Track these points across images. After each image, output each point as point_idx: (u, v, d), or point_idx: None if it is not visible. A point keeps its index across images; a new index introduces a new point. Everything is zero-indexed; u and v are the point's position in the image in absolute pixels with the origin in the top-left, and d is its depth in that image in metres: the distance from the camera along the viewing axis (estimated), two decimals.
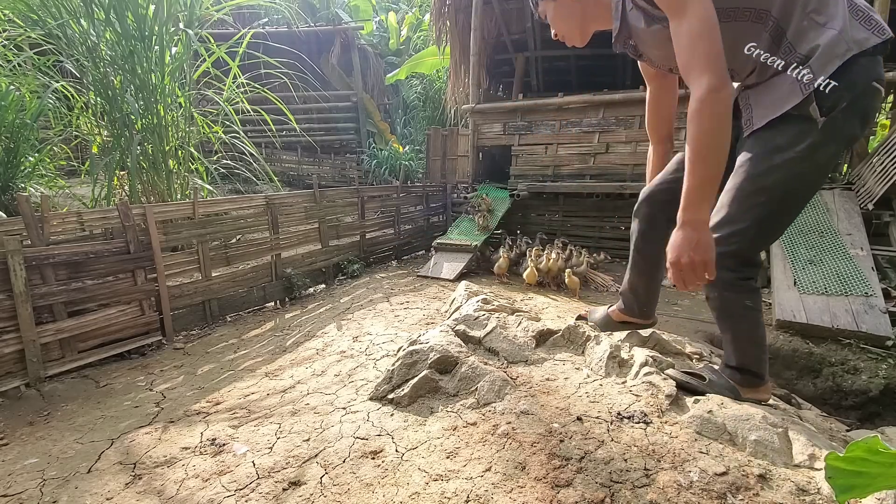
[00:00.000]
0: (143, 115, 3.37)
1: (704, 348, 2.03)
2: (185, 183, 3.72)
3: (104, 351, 2.41)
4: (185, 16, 3.61)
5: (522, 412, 1.42)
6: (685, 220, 1.14)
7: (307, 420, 1.61)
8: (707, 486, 1.08)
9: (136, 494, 1.32)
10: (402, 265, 4.73)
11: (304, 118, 8.20)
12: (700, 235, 1.12)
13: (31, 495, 1.35)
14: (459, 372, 1.63)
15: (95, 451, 1.57)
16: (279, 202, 3.48)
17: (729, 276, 1.30)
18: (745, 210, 1.25)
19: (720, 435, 1.25)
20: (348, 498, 1.19)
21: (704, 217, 1.13)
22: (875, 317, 2.66)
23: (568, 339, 1.86)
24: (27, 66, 3.78)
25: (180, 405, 1.90)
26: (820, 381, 2.61)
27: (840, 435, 1.52)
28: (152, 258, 2.62)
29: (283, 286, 3.50)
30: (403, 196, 4.98)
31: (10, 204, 3.25)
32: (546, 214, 5.28)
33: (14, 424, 1.82)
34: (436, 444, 1.35)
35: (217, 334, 2.85)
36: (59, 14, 3.12)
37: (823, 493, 1.04)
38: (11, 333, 2.08)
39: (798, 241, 3.37)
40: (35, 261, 2.14)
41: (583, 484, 1.13)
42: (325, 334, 2.65)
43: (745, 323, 1.36)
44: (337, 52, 8.79)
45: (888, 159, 3.39)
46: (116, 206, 2.50)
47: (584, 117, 4.90)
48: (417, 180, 8.81)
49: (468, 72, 5.70)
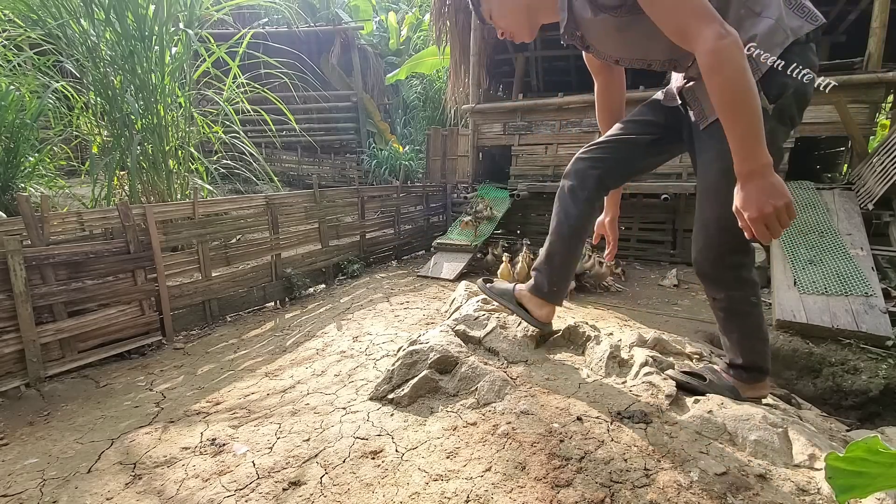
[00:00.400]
0: (143, 115, 3.37)
1: (704, 348, 2.03)
2: (185, 183, 3.72)
3: (104, 351, 2.41)
4: (185, 16, 3.61)
5: (522, 412, 1.42)
6: (748, 171, 1.06)
7: (307, 420, 1.61)
8: (707, 486, 1.08)
9: (136, 494, 1.32)
10: (402, 265, 4.73)
11: (304, 118, 8.20)
12: (772, 178, 1.05)
13: (31, 495, 1.35)
14: (459, 372, 1.63)
15: (95, 451, 1.57)
16: (279, 202, 3.48)
17: (732, 275, 1.30)
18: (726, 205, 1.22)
19: (720, 435, 1.25)
20: (348, 498, 1.19)
21: (766, 160, 1.05)
22: (875, 317, 2.66)
23: (568, 339, 1.86)
24: (27, 66, 3.78)
25: (180, 405, 1.90)
26: (820, 381, 2.61)
27: (840, 435, 1.52)
28: (152, 258, 2.62)
29: (283, 286, 3.50)
30: (403, 196, 4.98)
31: (10, 204, 3.25)
32: (546, 214, 5.26)
33: (14, 424, 1.82)
34: (436, 444, 1.35)
35: (217, 334, 2.85)
36: (59, 14, 3.12)
37: (823, 493, 1.04)
38: (11, 333, 2.08)
39: (798, 241, 3.37)
40: (35, 261, 2.14)
41: (583, 484, 1.13)
42: (325, 334, 2.65)
43: (752, 319, 1.36)
44: (337, 52, 8.79)
45: (888, 159, 3.39)
46: (116, 207, 2.50)
47: (585, 117, 4.90)
48: (417, 180, 8.81)
49: (468, 72, 5.70)
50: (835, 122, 3.83)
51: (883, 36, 3.72)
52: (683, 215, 4.43)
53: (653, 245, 4.67)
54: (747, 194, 1.07)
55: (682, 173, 4.47)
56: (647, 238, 4.70)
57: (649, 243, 4.69)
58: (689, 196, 4.32)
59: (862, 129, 3.79)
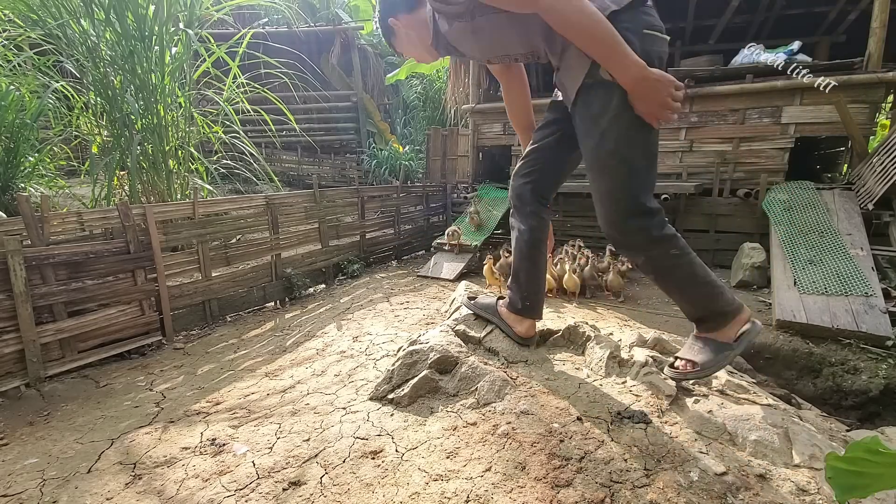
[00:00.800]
0: (143, 115, 3.37)
1: None
2: (185, 183, 3.72)
3: (104, 351, 2.41)
4: (185, 16, 3.61)
5: (522, 412, 1.42)
6: (630, 79, 1.17)
7: (307, 420, 1.61)
8: (707, 486, 1.08)
9: (136, 494, 1.32)
10: (402, 265, 4.73)
11: (304, 118, 8.20)
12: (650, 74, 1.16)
13: (31, 495, 1.35)
14: (459, 372, 1.63)
15: (95, 451, 1.57)
16: (279, 202, 3.48)
17: (641, 237, 1.33)
18: (613, 177, 1.31)
19: (720, 435, 1.25)
20: (348, 498, 1.19)
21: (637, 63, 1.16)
22: (875, 317, 2.66)
23: (568, 339, 1.86)
24: (27, 66, 3.78)
25: (180, 405, 1.90)
26: (820, 381, 2.61)
27: (840, 435, 1.51)
28: (152, 258, 2.62)
29: (283, 286, 3.50)
30: (403, 196, 4.98)
31: (10, 204, 3.25)
32: None
33: (14, 424, 1.82)
34: (436, 444, 1.35)
35: (217, 334, 2.85)
36: (59, 14, 3.12)
37: (823, 493, 1.04)
38: (11, 333, 2.08)
39: (798, 241, 3.37)
40: (35, 261, 2.14)
41: (583, 484, 1.13)
42: (325, 334, 2.65)
43: (681, 270, 1.37)
44: (337, 52, 8.79)
45: (888, 159, 3.39)
46: (116, 206, 2.50)
47: None
48: (417, 180, 8.80)
49: (468, 72, 5.70)
50: (835, 122, 3.83)
51: (883, 36, 3.72)
52: (683, 215, 4.43)
53: None
54: (641, 99, 1.20)
55: (682, 173, 4.47)
56: None
57: None
58: (689, 196, 4.32)
59: (862, 129, 3.79)
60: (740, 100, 4.16)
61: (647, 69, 1.16)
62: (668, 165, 4.55)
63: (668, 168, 4.55)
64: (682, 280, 1.39)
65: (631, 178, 1.30)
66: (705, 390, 1.48)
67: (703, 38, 5.99)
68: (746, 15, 5.52)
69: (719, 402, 1.33)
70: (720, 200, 4.28)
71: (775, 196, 3.85)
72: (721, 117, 4.29)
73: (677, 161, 4.51)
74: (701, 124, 4.38)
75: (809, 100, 3.92)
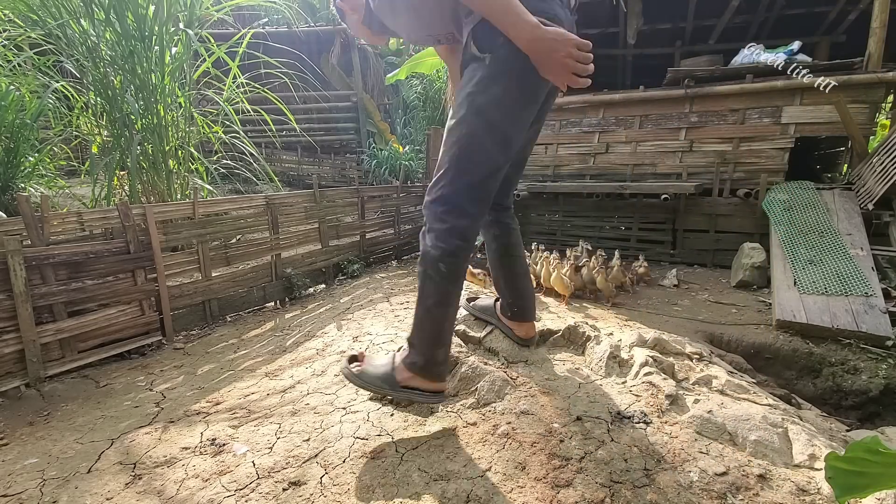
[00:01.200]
0: (143, 115, 3.37)
1: (704, 348, 2.03)
2: (185, 183, 3.72)
3: (104, 351, 2.41)
4: (185, 16, 3.61)
5: (522, 412, 1.42)
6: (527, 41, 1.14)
7: (307, 420, 1.61)
8: (707, 486, 1.08)
9: (136, 494, 1.31)
10: (402, 265, 4.72)
11: (304, 118, 8.20)
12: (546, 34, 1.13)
13: (31, 495, 1.35)
14: (459, 372, 1.63)
15: (95, 451, 1.57)
16: (279, 202, 3.48)
17: (439, 227, 1.29)
18: (445, 153, 1.30)
19: (720, 435, 1.25)
20: (348, 498, 1.19)
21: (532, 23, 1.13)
22: (875, 317, 2.66)
23: (568, 339, 1.86)
24: (27, 66, 3.78)
25: (180, 405, 1.90)
26: (820, 381, 2.61)
27: (840, 435, 1.52)
28: (152, 258, 2.62)
29: (283, 286, 3.50)
30: (403, 196, 4.98)
31: (10, 204, 3.25)
32: (546, 214, 5.27)
33: (14, 424, 1.82)
34: (436, 444, 1.35)
35: (217, 334, 2.85)
36: (59, 14, 3.12)
37: (823, 493, 1.04)
38: (11, 333, 2.08)
39: (798, 241, 3.37)
40: (35, 261, 2.14)
41: (583, 484, 1.13)
42: (326, 334, 2.65)
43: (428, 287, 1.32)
44: (337, 52, 8.78)
45: (888, 159, 3.39)
46: (116, 206, 2.50)
47: (584, 117, 4.91)
48: (417, 180, 8.80)
49: None
50: (835, 122, 3.83)
51: (883, 36, 3.72)
52: (683, 215, 4.43)
53: (652, 245, 4.67)
54: (541, 63, 1.17)
55: (682, 173, 4.47)
56: (646, 238, 4.70)
57: (649, 243, 4.69)
58: (689, 196, 4.32)
59: (862, 129, 3.79)
60: (740, 100, 4.17)
61: (541, 28, 1.13)
62: (668, 165, 4.55)
63: (668, 168, 4.55)
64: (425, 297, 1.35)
65: (458, 160, 1.28)
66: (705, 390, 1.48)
67: (703, 38, 5.99)
68: (746, 15, 5.52)
69: (719, 402, 1.33)
70: (720, 200, 4.28)
71: (775, 196, 3.86)
72: (721, 117, 4.29)
73: (677, 161, 4.51)
74: (701, 124, 4.38)
75: (809, 100, 3.92)
